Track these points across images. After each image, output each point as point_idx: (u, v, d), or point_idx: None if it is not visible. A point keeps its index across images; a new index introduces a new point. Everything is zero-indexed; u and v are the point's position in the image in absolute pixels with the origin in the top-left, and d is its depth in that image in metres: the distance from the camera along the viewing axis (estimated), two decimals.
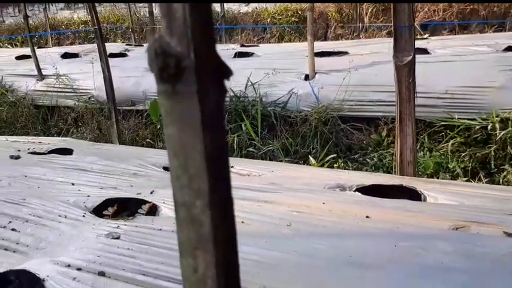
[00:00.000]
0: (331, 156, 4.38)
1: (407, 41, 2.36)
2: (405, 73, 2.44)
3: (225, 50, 5.98)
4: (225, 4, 8.45)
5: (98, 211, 2.18)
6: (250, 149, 4.75)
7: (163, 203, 2.14)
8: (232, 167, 2.64)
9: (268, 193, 2.18)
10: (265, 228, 1.84)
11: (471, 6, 6.54)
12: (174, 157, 0.62)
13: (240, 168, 2.62)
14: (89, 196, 2.28)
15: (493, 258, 1.57)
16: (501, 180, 3.90)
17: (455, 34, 6.30)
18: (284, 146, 4.71)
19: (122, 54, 6.73)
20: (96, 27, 3.79)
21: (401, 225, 1.82)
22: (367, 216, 1.89)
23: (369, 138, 4.66)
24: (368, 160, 4.45)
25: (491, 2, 6.59)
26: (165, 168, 2.62)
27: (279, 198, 2.11)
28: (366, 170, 4.35)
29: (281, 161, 4.53)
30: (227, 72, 0.62)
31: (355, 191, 2.26)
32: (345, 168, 4.42)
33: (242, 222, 1.90)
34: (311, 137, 4.71)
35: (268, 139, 4.86)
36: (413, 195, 2.26)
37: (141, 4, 8.98)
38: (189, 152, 0.61)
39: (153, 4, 6.22)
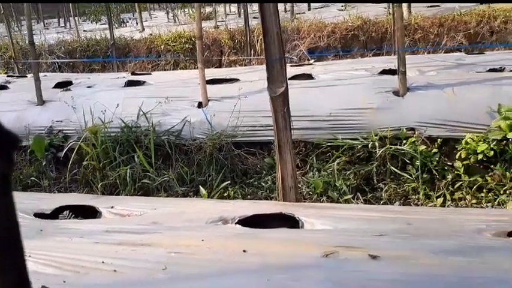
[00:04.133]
0: (227, 182, 4.39)
1: (279, 73, 2.45)
2: (280, 103, 2.52)
3: (115, 79, 5.80)
4: (117, 31, 8.25)
5: None
6: (145, 180, 4.61)
7: (30, 256, 1.96)
8: (112, 207, 2.53)
9: (147, 234, 2.10)
10: (139, 275, 1.76)
11: (352, 32, 7.04)
12: None
13: (121, 208, 2.51)
14: None
15: (359, 283, 1.64)
16: (383, 195, 4.17)
17: (339, 59, 6.72)
18: (180, 175, 4.64)
19: (2, 87, 6.24)
20: None
21: (276, 257, 1.84)
22: (244, 251, 1.89)
23: (263, 162, 4.75)
24: (263, 183, 4.52)
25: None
26: (37, 215, 2.42)
27: (157, 239, 2.04)
28: (262, 194, 4.42)
29: (177, 191, 4.45)
30: (13, 142, 0.57)
31: (237, 223, 2.26)
32: (241, 194, 4.46)
33: (115, 271, 1.80)
34: (207, 165, 4.68)
35: (164, 169, 4.75)
36: (294, 221, 2.32)
37: (25, 32, 8.45)
38: None
39: (33, 33, 5.88)
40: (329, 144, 4.51)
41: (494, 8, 7.61)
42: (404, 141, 4.30)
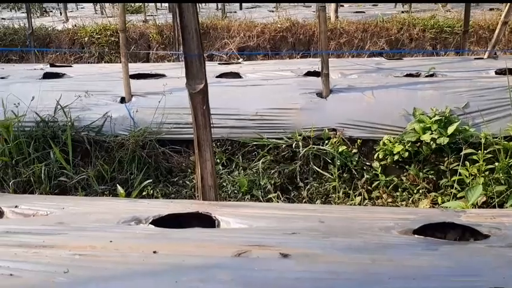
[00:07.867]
0: (149, 181, 4.27)
1: (199, 69, 2.40)
2: (199, 100, 2.47)
3: (31, 71, 5.45)
4: (38, 20, 7.76)
5: None
6: (62, 178, 4.38)
7: None
8: (16, 206, 2.35)
9: (51, 235, 1.97)
10: (37, 279, 1.65)
11: (281, 34, 7.14)
12: None
13: (26, 207, 2.34)
14: None
15: (267, 282, 1.64)
16: (306, 193, 4.26)
17: (268, 59, 6.79)
18: (100, 173, 4.45)
19: None
20: None
21: (187, 258, 1.80)
22: (154, 252, 1.83)
23: (188, 161, 4.68)
24: (188, 182, 4.46)
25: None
26: None
27: (62, 240, 1.92)
28: (186, 192, 4.35)
29: (96, 190, 4.26)
30: None
31: (151, 223, 2.18)
32: (164, 193, 4.36)
33: (11, 274, 1.67)
34: (129, 162, 4.53)
35: (82, 167, 4.54)
36: (211, 220, 2.28)
37: None
38: None
39: None
40: (255, 143, 4.53)
41: (414, 16, 8.05)
42: (326, 142, 4.42)
